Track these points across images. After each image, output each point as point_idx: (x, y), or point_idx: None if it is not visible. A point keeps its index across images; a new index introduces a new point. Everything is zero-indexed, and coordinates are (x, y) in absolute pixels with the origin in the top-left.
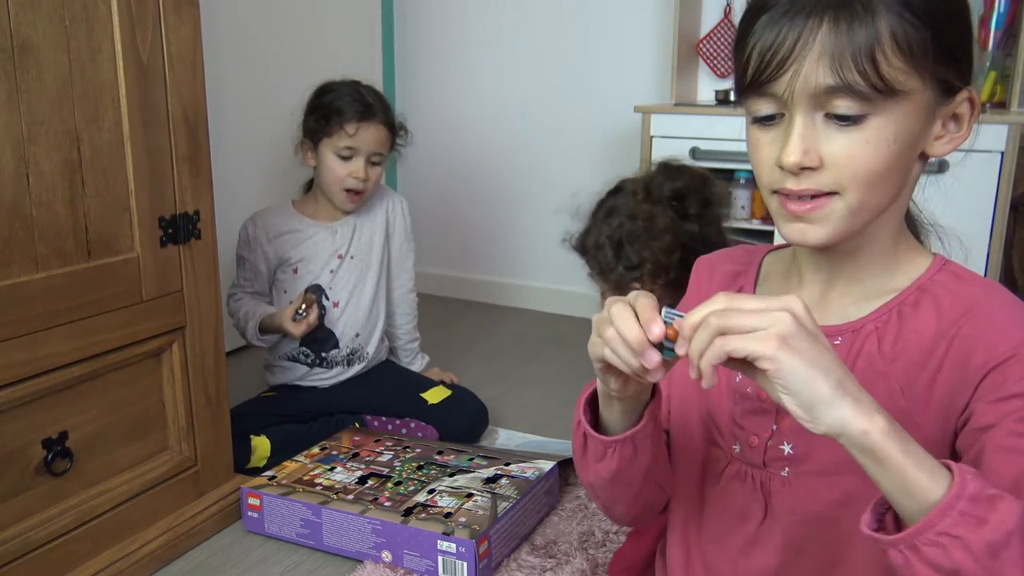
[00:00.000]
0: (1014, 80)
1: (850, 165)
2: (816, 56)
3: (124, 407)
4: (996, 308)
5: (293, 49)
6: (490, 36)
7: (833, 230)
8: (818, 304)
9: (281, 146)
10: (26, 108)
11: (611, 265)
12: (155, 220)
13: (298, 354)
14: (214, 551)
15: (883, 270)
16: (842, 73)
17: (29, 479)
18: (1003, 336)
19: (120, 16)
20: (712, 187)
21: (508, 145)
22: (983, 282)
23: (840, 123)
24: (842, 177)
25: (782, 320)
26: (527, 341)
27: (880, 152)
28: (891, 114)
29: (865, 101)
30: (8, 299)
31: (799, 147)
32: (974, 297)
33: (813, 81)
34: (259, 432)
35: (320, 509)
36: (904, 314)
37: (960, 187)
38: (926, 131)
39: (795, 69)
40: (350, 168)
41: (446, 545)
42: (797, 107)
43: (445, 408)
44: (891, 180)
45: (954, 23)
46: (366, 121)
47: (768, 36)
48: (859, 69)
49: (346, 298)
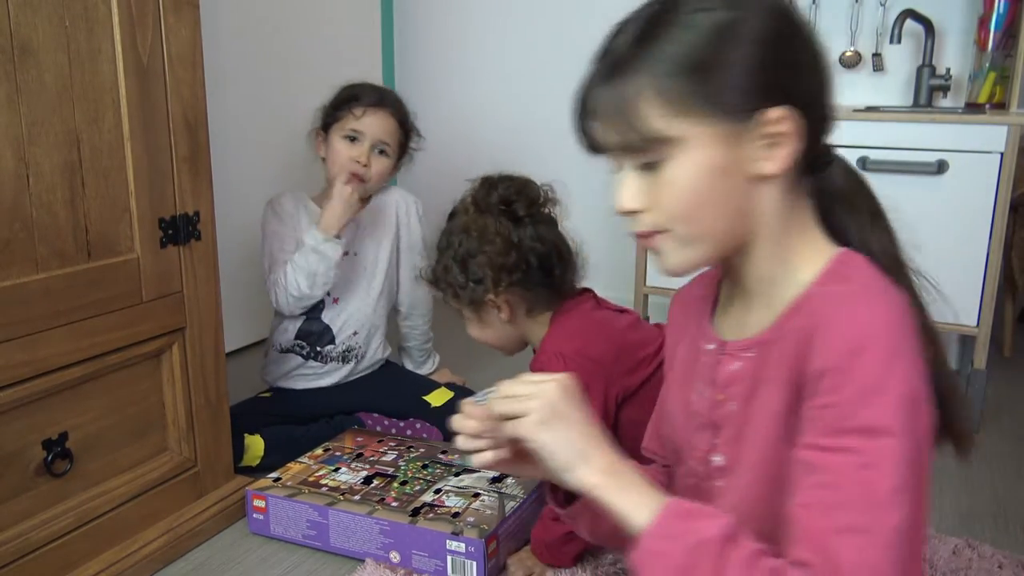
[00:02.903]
0: (1013, 81)
1: (661, 207)
2: (602, 119)
3: (124, 408)
4: (843, 312)
5: (293, 49)
6: (490, 36)
7: (677, 259)
8: (741, 319)
9: (281, 146)
10: (26, 109)
11: (462, 284)
12: (155, 221)
13: (293, 345)
14: (214, 552)
15: (780, 281)
16: (619, 132)
17: (29, 480)
18: (834, 341)
19: (120, 17)
20: (535, 188)
21: (507, 145)
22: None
23: (644, 170)
24: (659, 218)
25: (537, 409)
26: None
27: (683, 192)
28: (679, 157)
29: (646, 152)
30: (8, 300)
31: (623, 195)
32: (836, 299)
33: (607, 139)
34: (253, 431)
35: (327, 510)
36: (792, 322)
37: (960, 187)
38: (739, 158)
39: (597, 131)
40: (354, 152)
41: (455, 545)
42: (616, 160)
43: (448, 411)
44: (713, 210)
45: (716, 60)
46: (375, 107)
47: (576, 102)
48: (630, 126)
49: (346, 295)
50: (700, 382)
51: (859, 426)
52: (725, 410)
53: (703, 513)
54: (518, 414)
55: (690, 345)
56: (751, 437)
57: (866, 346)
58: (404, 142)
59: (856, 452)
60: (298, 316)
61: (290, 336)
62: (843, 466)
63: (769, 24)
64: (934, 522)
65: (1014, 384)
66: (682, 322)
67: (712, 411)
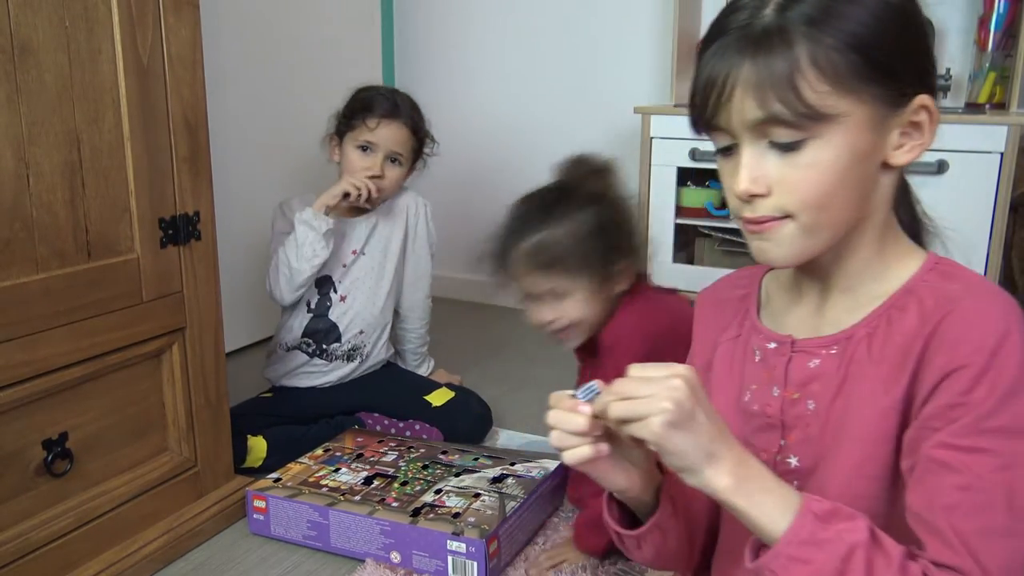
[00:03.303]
0: (1013, 81)
1: (795, 191)
2: (742, 91)
3: (124, 408)
4: (969, 308)
5: (293, 50)
6: (490, 37)
7: (790, 250)
8: (814, 316)
9: (281, 146)
10: (26, 109)
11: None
12: (155, 221)
13: (299, 343)
14: (214, 552)
15: (873, 277)
16: (768, 105)
17: (29, 480)
18: (966, 339)
19: (120, 17)
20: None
21: (507, 146)
22: (969, 279)
23: (781, 151)
24: (788, 202)
25: (663, 410)
26: (528, 342)
27: (823, 175)
28: (828, 136)
29: (797, 128)
30: (8, 300)
31: (746, 176)
32: (953, 295)
33: (746, 115)
34: (256, 432)
35: (327, 511)
36: (892, 317)
37: (960, 187)
38: (879, 144)
39: (730, 105)
40: (367, 162)
41: (456, 545)
42: (742, 138)
43: (449, 410)
44: (844, 197)
45: (889, 40)
46: (388, 118)
47: (704, 74)
48: (782, 99)
49: (354, 294)
50: (758, 382)
51: (998, 427)
52: (800, 409)
53: (841, 513)
54: (642, 416)
55: (733, 345)
56: (847, 435)
57: (1003, 344)
58: (418, 148)
59: (995, 454)
60: (305, 313)
61: (296, 334)
62: (983, 468)
63: (920, 9)
64: None
65: None
66: (716, 322)
67: (783, 410)
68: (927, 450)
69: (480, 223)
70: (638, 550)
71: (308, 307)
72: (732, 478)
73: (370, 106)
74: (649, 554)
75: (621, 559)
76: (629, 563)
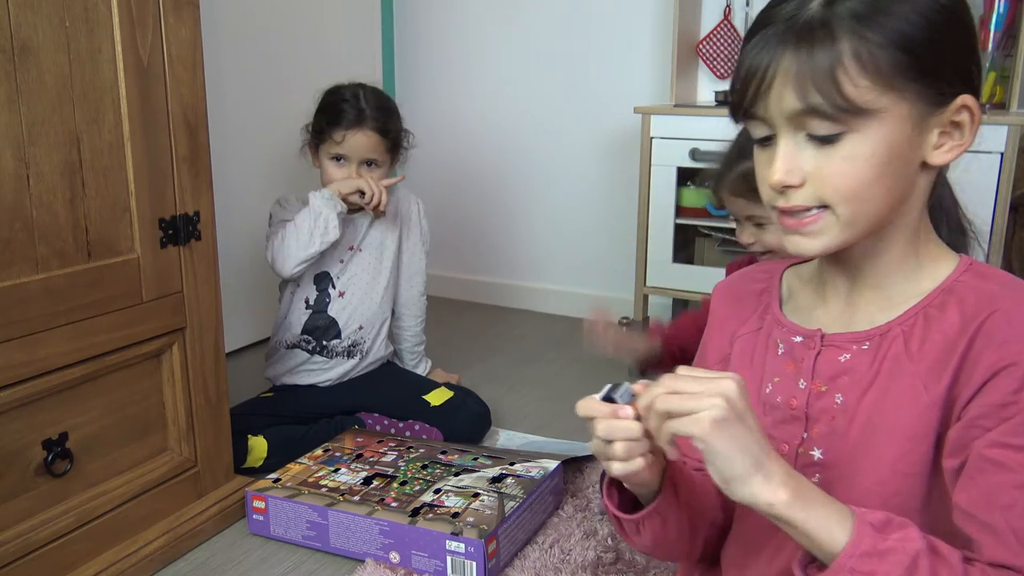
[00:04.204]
0: (1014, 81)
1: (830, 182)
2: (783, 81)
3: (124, 408)
4: (1013, 307)
5: (293, 50)
6: (490, 37)
7: (828, 241)
8: (844, 312)
9: (281, 147)
10: (26, 109)
11: None
12: (155, 221)
13: (299, 340)
14: (214, 552)
15: (905, 275)
16: (807, 97)
17: (29, 480)
18: (1015, 337)
19: (120, 17)
20: None
21: (508, 146)
22: (1005, 279)
23: (817, 143)
24: (824, 193)
25: (715, 405)
26: (527, 342)
27: (859, 168)
28: (867, 131)
29: (835, 121)
30: (8, 300)
31: (781, 167)
32: (995, 295)
33: (784, 106)
34: (257, 432)
35: (327, 511)
36: (930, 316)
37: (960, 187)
38: (918, 142)
39: (769, 95)
40: (342, 172)
41: (455, 545)
42: (780, 129)
43: (447, 410)
44: (880, 193)
45: (936, 39)
46: (354, 128)
47: (746, 64)
48: (822, 92)
49: (352, 289)
50: (781, 375)
51: None
52: (826, 402)
53: (894, 522)
54: (692, 411)
55: (755, 338)
56: (881, 431)
57: None
58: (393, 146)
59: None
60: (304, 310)
61: (296, 331)
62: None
63: (968, 9)
64: None
65: None
66: (735, 316)
67: (809, 403)
68: (980, 449)
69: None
70: (637, 535)
71: (307, 304)
72: (787, 491)
73: (336, 118)
74: (648, 540)
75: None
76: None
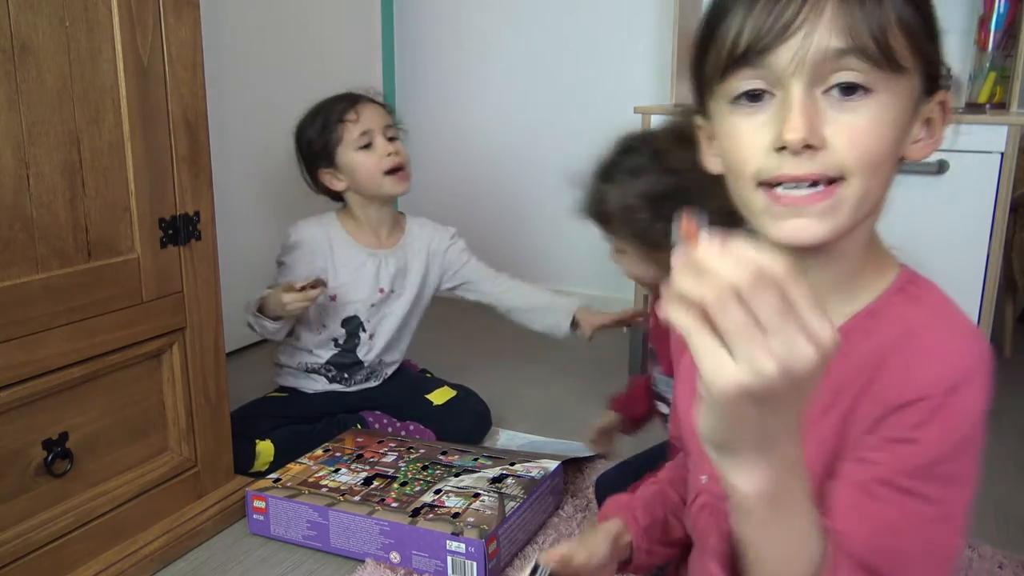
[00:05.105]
0: (1014, 81)
1: (856, 145)
2: (827, 21)
3: (124, 408)
4: (930, 340)
5: (293, 51)
6: (490, 37)
7: (838, 224)
8: None
9: (281, 147)
10: (26, 109)
11: (647, 224)
12: (155, 221)
13: (320, 367)
14: (214, 552)
15: (845, 293)
16: (853, 36)
17: (29, 480)
18: (922, 373)
19: (120, 17)
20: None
21: (508, 147)
22: (938, 309)
23: (845, 97)
24: (848, 159)
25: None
26: (528, 342)
27: (883, 134)
28: (893, 94)
29: (874, 70)
30: (8, 300)
31: (803, 122)
32: (915, 324)
33: (822, 44)
34: (264, 436)
35: (327, 511)
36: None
37: (960, 188)
38: (909, 128)
39: (803, 33)
40: (377, 151)
41: (455, 545)
42: (796, 80)
43: (449, 409)
44: (888, 170)
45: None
46: (359, 104)
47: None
48: (872, 34)
49: (380, 331)
50: None
51: (945, 474)
52: None
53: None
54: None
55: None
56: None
57: (965, 384)
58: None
59: (934, 502)
60: (333, 347)
61: (321, 360)
62: (917, 515)
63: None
64: None
65: (1014, 384)
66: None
67: None
68: (862, 479)
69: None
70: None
71: (335, 343)
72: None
73: (336, 113)
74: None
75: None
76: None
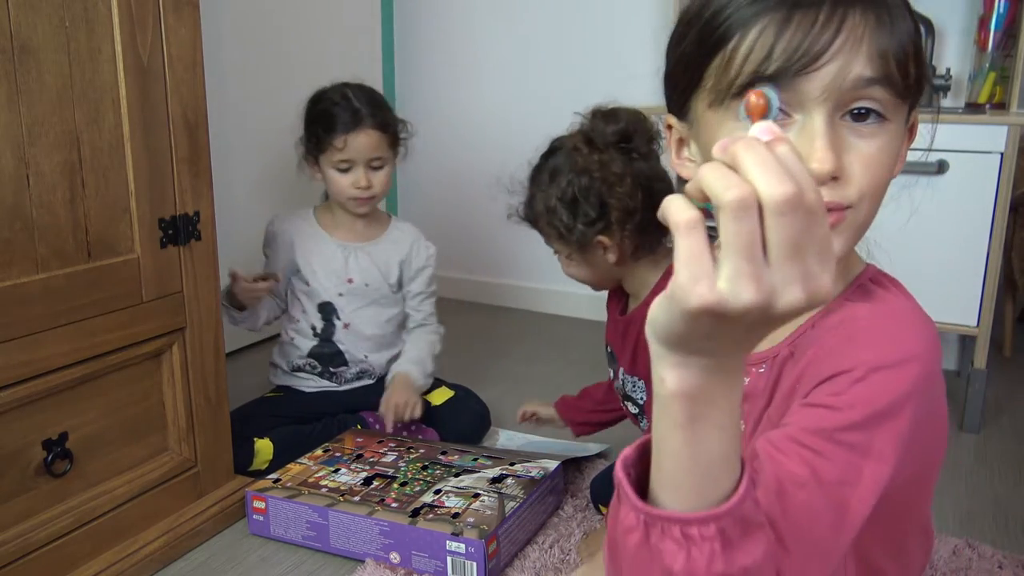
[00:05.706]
0: (1013, 81)
1: (868, 172)
2: (863, 49)
3: (124, 408)
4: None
5: (293, 50)
6: (490, 36)
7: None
8: None
9: (281, 147)
10: (26, 109)
11: (569, 226)
12: (155, 221)
13: (304, 364)
14: (214, 552)
15: None
16: (883, 65)
17: (29, 480)
18: (855, 354)
19: (120, 17)
20: (649, 121)
21: (507, 145)
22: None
23: (858, 122)
24: (862, 186)
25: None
26: (527, 342)
27: (889, 161)
28: (899, 120)
29: (893, 98)
30: (8, 300)
31: (829, 154)
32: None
33: (855, 73)
34: (263, 435)
35: (327, 511)
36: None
37: (960, 187)
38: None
39: (840, 63)
40: (351, 179)
41: (455, 545)
42: (822, 107)
43: (448, 409)
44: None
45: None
46: (354, 131)
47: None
48: (897, 62)
49: (356, 321)
50: None
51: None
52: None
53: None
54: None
55: None
56: None
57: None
58: (394, 140)
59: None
60: (312, 337)
61: (303, 353)
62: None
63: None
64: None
65: (1014, 384)
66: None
67: None
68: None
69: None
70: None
71: (314, 332)
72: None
73: (331, 124)
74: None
75: None
76: None
